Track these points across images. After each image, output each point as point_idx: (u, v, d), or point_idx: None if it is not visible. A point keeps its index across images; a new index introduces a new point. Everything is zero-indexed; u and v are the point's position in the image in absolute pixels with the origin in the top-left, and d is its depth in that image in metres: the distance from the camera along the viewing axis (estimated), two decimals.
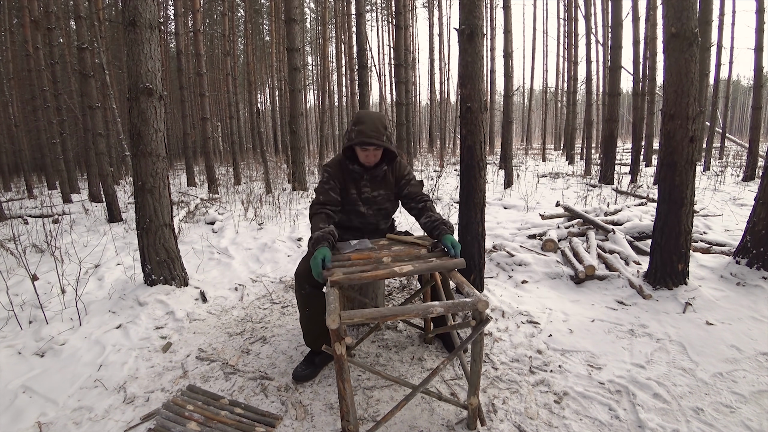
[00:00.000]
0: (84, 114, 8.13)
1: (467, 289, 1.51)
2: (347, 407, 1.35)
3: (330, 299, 1.39)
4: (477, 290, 1.66)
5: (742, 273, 2.69)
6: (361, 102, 7.48)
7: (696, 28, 2.37)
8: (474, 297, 1.41)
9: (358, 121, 1.87)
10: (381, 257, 1.74)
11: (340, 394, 1.35)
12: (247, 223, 4.93)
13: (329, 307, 1.33)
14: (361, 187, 2.01)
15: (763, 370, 1.82)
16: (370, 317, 1.33)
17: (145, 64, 2.68)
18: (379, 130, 1.84)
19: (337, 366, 1.33)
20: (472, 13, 2.44)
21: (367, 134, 1.82)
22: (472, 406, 1.52)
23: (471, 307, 1.37)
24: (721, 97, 12.80)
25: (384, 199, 2.05)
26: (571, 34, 13.69)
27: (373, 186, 2.03)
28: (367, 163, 1.95)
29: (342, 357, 1.32)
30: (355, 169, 1.97)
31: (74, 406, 1.77)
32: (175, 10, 10.61)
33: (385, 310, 1.36)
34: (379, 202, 2.05)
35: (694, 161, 2.47)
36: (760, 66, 7.96)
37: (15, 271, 3.47)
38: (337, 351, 1.31)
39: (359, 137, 1.82)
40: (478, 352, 1.45)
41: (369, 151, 1.89)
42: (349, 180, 1.99)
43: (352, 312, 1.31)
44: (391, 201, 2.08)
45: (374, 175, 2.00)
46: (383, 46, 22.85)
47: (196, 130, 14.90)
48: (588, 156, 9.69)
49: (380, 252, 1.80)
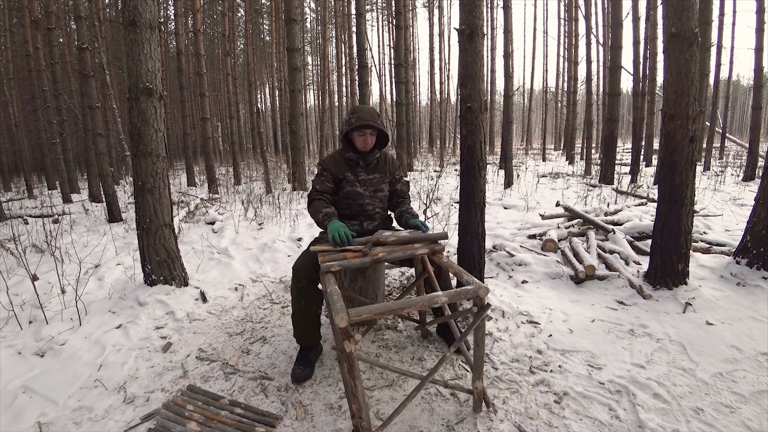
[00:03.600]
0: (84, 114, 8.14)
1: (466, 278, 1.56)
2: (359, 404, 1.34)
3: (334, 298, 1.38)
4: None
5: (742, 273, 2.69)
6: (361, 102, 7.48)
7: (696, 28, 2.37)
8: (475, 284, 1.47)
9: (354, 111, 2.10)
10: (375, 253, 1.74)
11: (351, 392, 1.34)
12: (247, 223, 4.93)
13: (335, 306, 1.32)
14: (357, 173, 2.18)
15: (763, 370, 1.81)
16: (378, 312, 1.32)
17: (145, 64, 2.68)
18: (374, 116, 2.07)
19: (347, 364, 1.32)
20: (472, 13, 2.44)
21: (365, 118, 2.04)
22: (477, 390, 1.58)
23: (473, 294, 1.42)
24: (721, 97, 12.81)
25: (379, 182, 2.22)
26: (571, 34, 13.69)
27: (368, 171, 2.20)
28: (363, 148, 2.12)
29: (352, 355, 1.30)
30: (351, 156, 2.15)
31: (74, 406, 1.77)
32: (175, 10, 10.60)
33: (392, 304, 1.36)
34: (375, 184, 2.20)
35: (694, 161, 2.47)
36: (760, 66, 7.96)
37: (15, 271, 3.47)
38: (347, 349, 1.30)
39: (359, 121, 2.02)
40: (480, 337, 1.50)
41: (366, 134, 2.08)
42: (346, 167, 2.17)
43: (360, 309, 1.30)
44: (386, 184, 2.24)
45: (368, 161, 2.18)
46: (383, 46, 22.85)
47: (196, 130, 14.89)
48: (588, 156, 9.69)
49: (374, 249, 1.79)
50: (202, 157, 13.40)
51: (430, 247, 1.83)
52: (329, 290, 1.47)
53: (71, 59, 11.73)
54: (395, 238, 1.84)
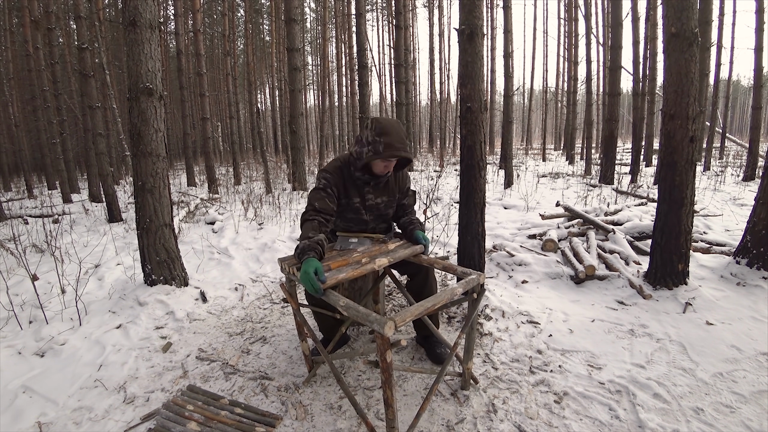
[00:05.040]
0: (84, 114, 8.14)
1: (460, 270, 1.68)
2: (393, 414, 1.36)
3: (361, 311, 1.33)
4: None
5: (742, 273, 2.69)
6: (361, 102, 7.47)
7: (696, 28, 2.37)
8: (474, 273, 1.62)
9: (382, 132, 1.74)
10: (357, 259, 1.70)
11: (386, 402, 1.35)
12: (247, 223, 4.93)
13: (371, 317, 1.27)
14: (365, 194, 1.94)
15: (763, 370, 1.81)
16: (417, 313, 1.33)
17: (145, 64, 2.68)
18: (404, 141, 1.79)
19: (386, 375, 1.30)
20: (472, 13, 2.44)
21: (395, 147, 1.75)
22: (468, 370, 1.74)
23: (476, 281, 1.60)
24: (721, 97, 12.81)
25: (386, 206, 2.01)
26: (571, 34, 13.69)
27: (376, 193, 1.97)
28: (383, 173, 1.87)
29: (391, 365, 1.30)
30: (360, 176, 1.89)
31: (74, 406, 1.77)
32: (175, 10, 10.60)
33: (426, 302, 1.38)
34: (382, 209, 2.00)
35: (694, 161, 2.47)
36: (760, 66, 7.95)
37: (15, 271, 3.47)
38: (387, 359, 1.27)
39: (388, 150, 1.73)
40: (474, 320, 1.67)
41: (391, 162, 1.84)
42: (352, 187, 1.91)
43: (402, 314, 1.29)
44: (392, 208, 2.05)
45: (379, 182, 1.93)
46: (383, 46, 22.85)
47: (196, 130, 14.90)
48: (588, 156, 9.69)
49: (352, 255, 1.75)
50: (202, 157, 13.41)
51: (412, 249, 1.85)
52: (344, 303, 1.40)
53: (71, 59, 11.74)
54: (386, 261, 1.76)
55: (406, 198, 2.08)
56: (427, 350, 2.06)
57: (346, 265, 1.66)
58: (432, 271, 2.01)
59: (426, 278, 1.98)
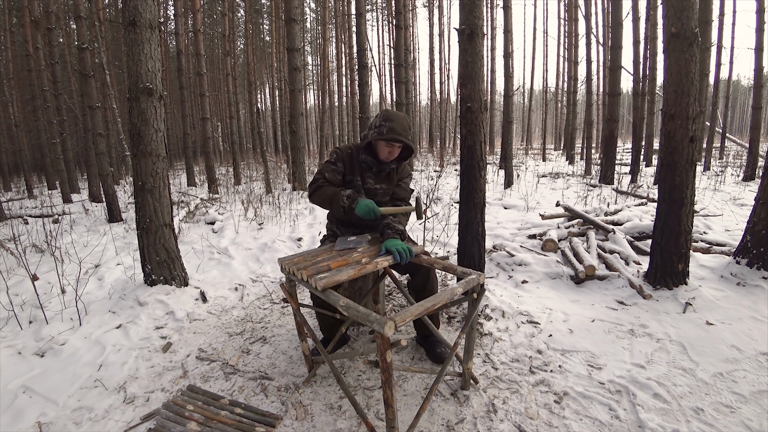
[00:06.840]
0: (84, 114, 8.14)
1: (460, 270, 1.67)
2: (393, 414, 1.36)
3: (361, 311, 1.33)
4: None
5: (742, 273, 2.69)
6: (361, 102, 7.47)
7: (696, 28, 2.37)
8: (474, 273, 1.63)
9: (388, 119, 1.92)
10: (357, 259, 1.72)
11: (386, 402, 1.35)
12: (247, 223, 4.93)
13: (371, 317, 1.26)
14: (365, 178, 2.06)
15: (763, 370, 1.81)
16: (417, 313, 1.33)
17: (145, 64, 2.68)
18: (407, 130, 1.95)
19: (386, 375, 1.30)
20: (472, 13, 2.44)
21: (398, 132, 1.90)
22: (468, 370, 1.74)
23: (476, 281, 1.61)
24: (721, 97, 12.82)
25: (383, 194, 2.10)
26: (571, 34, 13.68)
27: (376, 179, 2.07)
28: (387, 159, 2.00)
29: (391, 365, 1.30)
30: (366, 159, 2.02)
31: (74, 406, 1.77)
32: (175, 10, 10.60)
33: (426, 302, 1.38)
34: (379, 196, 2.09)
35: (694, 161, 2.47)
36: (760, 66, 7.96)
37: (15, 271, 3.47)
38: (387, 359, 1.27)
39: (391, 133, 1.89)
40: (474, 320, 1.67)
41: (394, 147, 1.97)
42: (356, 168, 2.05)
43: (402, 314, 1.29)
44: (388, 196, 2.13)
45: (381, 169, 2.05)
46: (383, 46, 22.84)
47: (196, 130, 14.91)
48: (588, 156, 9.69)
49: (352, 255, 1.77)
50: (202, 157, 13.41)
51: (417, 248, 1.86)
52: (344, 303, 1.41)
53: (71, 59, 11.75)
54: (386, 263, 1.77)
55: (397, 188, 2.14)
56: (427, 350, 2.06)
57: (346, 265, 1.66)
58: (433, 270, 2.02)
59: (426, 278, 1.98)
